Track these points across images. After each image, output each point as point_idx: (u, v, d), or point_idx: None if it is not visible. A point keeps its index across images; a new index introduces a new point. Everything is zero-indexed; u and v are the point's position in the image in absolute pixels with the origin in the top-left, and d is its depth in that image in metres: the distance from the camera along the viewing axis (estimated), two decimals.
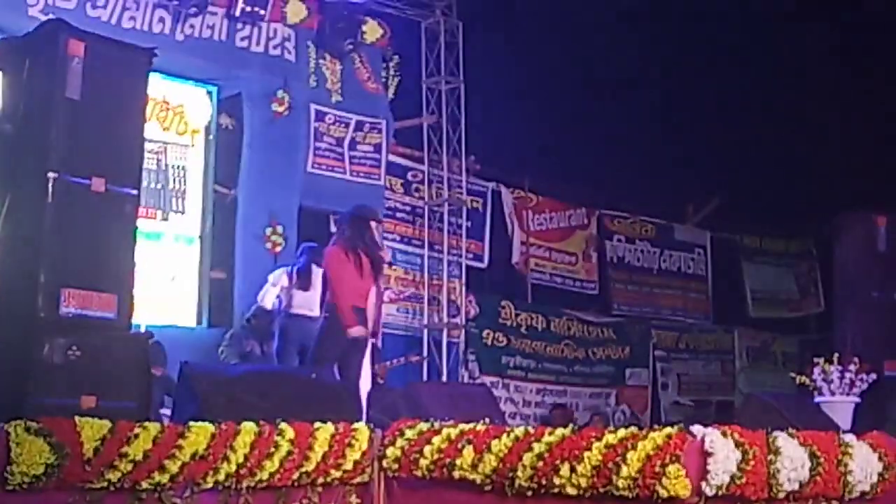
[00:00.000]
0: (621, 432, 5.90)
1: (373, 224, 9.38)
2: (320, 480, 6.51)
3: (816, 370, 9.70)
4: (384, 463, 6.71)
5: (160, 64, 7.44)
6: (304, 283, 10.29)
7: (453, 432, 6.53)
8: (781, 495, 5.74)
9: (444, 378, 13.83)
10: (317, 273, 9.76)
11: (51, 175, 6.36)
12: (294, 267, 10.55)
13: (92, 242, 6.51)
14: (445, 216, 14.48)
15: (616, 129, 15.74)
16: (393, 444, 6.70)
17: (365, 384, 9.26)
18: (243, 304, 11.64)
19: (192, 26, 11.96)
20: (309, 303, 9.79)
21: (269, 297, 10.56)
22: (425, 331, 14.21)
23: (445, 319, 14.30)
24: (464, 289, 14.66)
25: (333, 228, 9.79)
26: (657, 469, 5.58)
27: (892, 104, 14.93)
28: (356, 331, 8.72)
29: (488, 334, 15.17)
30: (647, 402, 17.07)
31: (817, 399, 9.60)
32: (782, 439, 5.79)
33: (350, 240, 8.95)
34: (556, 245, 16.44)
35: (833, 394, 9.57)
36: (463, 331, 14.60)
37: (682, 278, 18.13)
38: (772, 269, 19.00)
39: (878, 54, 14.95)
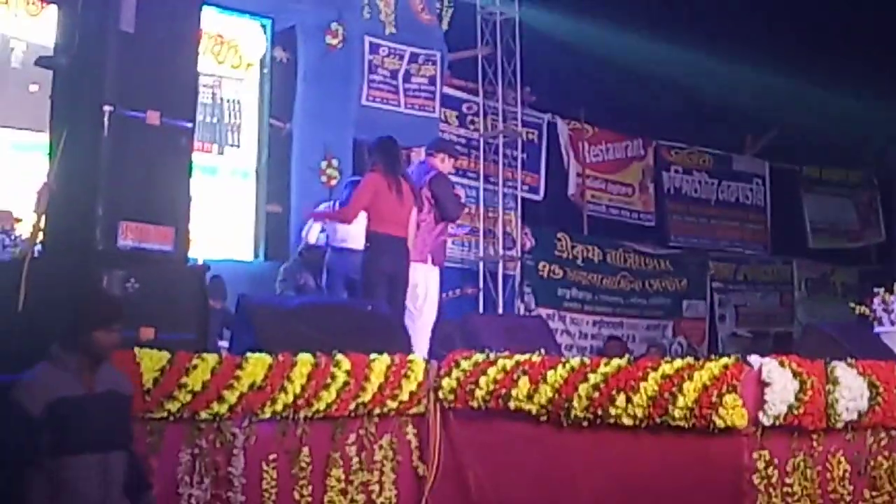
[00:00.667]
0: (677, 363, 5.89)
1: (445, 159, 9.39)
2: (376, 411, 6.56)
3: (876, 300, 9.58)
4: (440, 394, 6.74)
5: None
6: None
7: (509, 363, 6.55)
8: (840, 425, 5.73)
9: (500, 310, 13.84)
10: None
11: (106, 108, 6.36)
12: (336, 201, 10.51)
13: (148, 176, 6.53)
14: (500, 148, 14.40)
15: (672, 59, 15.53)
16: (448, 375, 6.74)
17: (430, 315, 9.22)
18: (299, 237, 11.68)
19: None
20: (353, 236, 9.73)
21: (312, 233, 10.57)
22: (481, 263, 14.21)
23: (501, 252, 14.28)
24: (519, 221, 14.62)
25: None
26: (714, 399, 5.57)
27: None
28: None
29: (544, 266, 15.15)
30: (705, 333, 17.02)
31: (877, 329, 9.50)
32: (841, 369, 5.76)
33: (388, 166, 8.85)
34: (612, 176, 16.34)
35: (893, 324, 9.46)
36: (519, 263, 14.58)
37: (740, 209, 17.98)
38: (832, 200, 18.79)
39: None
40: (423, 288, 9.07)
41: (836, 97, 16.20)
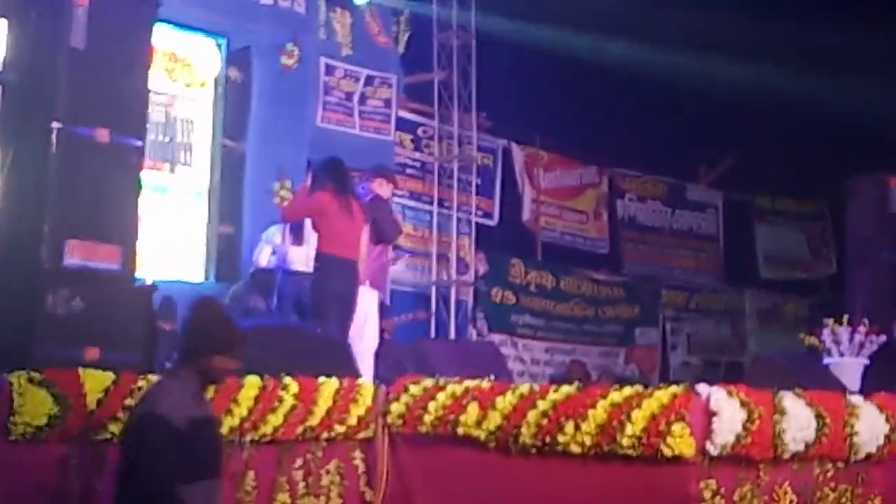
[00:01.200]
0: (626, 391, 5.87)
1: (383, 184, 9.39)
2: (324, 435, 6.50)
3: (826, 331, 9.63)
4: (388, 419, 6.68)
5: (169, 15, 7.40)
6: (296, 238, 10.17)
7: (458, 389, 6.51)
8: (786, 456, 5.73)
9: (453, 335, 13.80)
10: (310, 228, 9.62)
11: (55, 125, 6.33)
12: (286, 223, 10.47)
13: (96, 194, 6.48)
14: (455, 173, 14.39)
15: (629, 87, 15.61)
16: (397, 400, 6.68)
17: (372, 341, 9.21)
18: (251, 259, 11.60)
19: None
20: (303, 258, 9.68)
21: (263, 255, 10.53)
22: (434, 288, 14.17)
23: (454, 276, 14.25)
24: (473, 246, 14.60)
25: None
26: (662, 428, 5.55)
27: None
28: None
29: (497, 292, 15.13)
30: (657, 361, 17.04)
31: (826, 360, 9.54)
32: (789, 399, 5.76)
33: (338, 187, 8.83)
34: (566, 203, 16.36)
35: (842, 355, 9.51)
36: (472, 288, 14.56)
37: (694, 238, 18.07)
38: (784, 231, 18.91)
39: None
40: (363, 311, 9.05)
41: (790, 128, 16.34)
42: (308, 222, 9.38)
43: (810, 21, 15.16)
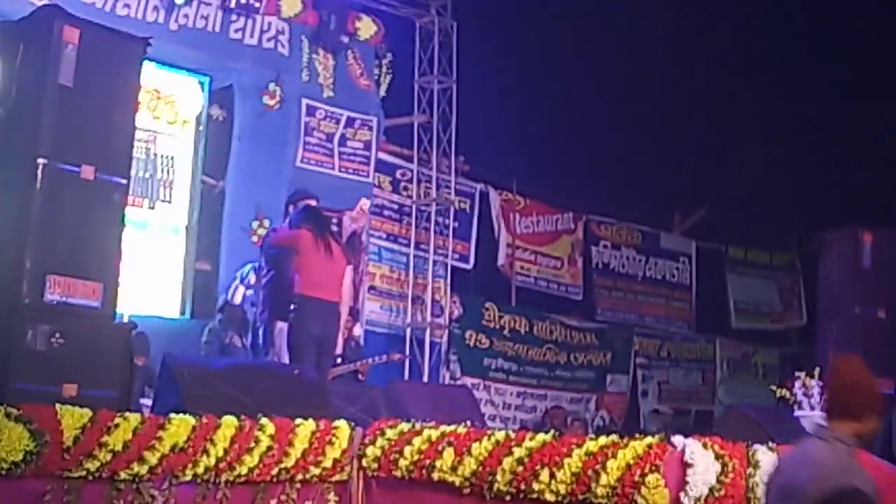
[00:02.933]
0: (602, 440, 5.92)
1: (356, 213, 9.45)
2: (299, 477, 6.51)
3: (797, 384, 9.70)
4: (364, 462, 6.70)
5: (153, 52, 7.40)
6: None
7: (434, 433, 6.53)
8: None
9: (426, 378, 13.80)
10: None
11: (40, 161, 6.34)
12: (259, 264, 10.49)
13: (79, 230, 6.50)
14: (433, 216, 14.46)
15: (605, 135, 15.76)
16: (373, 443, 6.70)
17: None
18: (227, 292, 11.61)
19: (185, 16, 11.91)
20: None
21: (238, 294, 10.55)
22: (408, 329, 14.19)
23: (429, 319, 14.28)
24: (448, 289, 14.65)
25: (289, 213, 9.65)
26: (637, 478, 5.61)
27: (883, 121, 14.99)
28: None
29: (471, 335, 15.16)
30: (626, 408, 17.08)
31: (797, 413, 9.61)
32: (762, 452, 5.81)
33: (317, 229, 8.91)
34: (541, 249, 16.43)
35: (813, 408, 9.57)
36: (446, 331, 14.59)
37: (666, 286, 18.15)
38: (755, 281, 19.04)
39: (869, 69, 15.01)
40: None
41: (764, 180, 16.51)
42: None
43: (786, 76, 15.38)
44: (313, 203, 9.50)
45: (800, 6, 15.23)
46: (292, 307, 8.81)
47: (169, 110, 12.14)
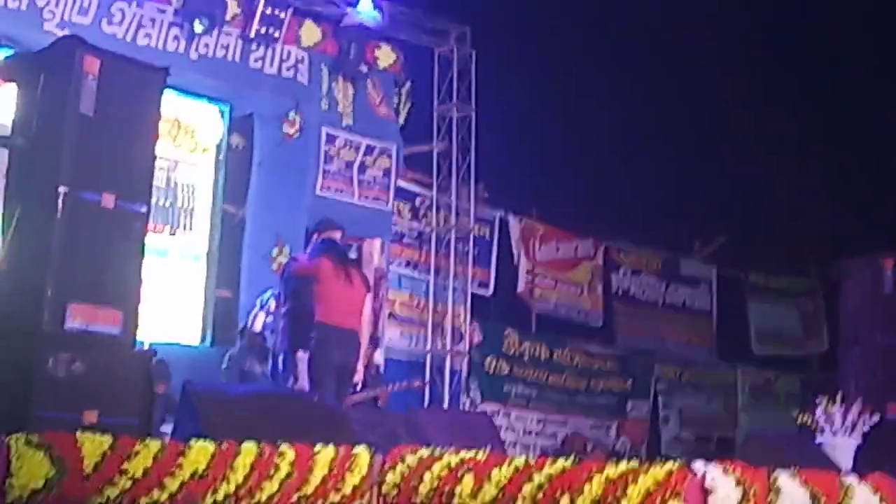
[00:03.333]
0: (622, 466, 5.87)
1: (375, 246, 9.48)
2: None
3: (819, 410, 9.65)
4: (383, 489, 6.68)
5: (173, 81, 7.47)
6: None
7: (454, 460, 6.50)
8: None
9: (446, 405, 13.80)
10: None
11: (61, 190, 6.39)
12: (280, 290, 10.51)
13: (99, 258, 6.53)
14: (453, 242, 14.47)
15: (625, 162, 15.78)
16: (393, 469, 6.67)
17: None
18: (248, 318, 11.63)
19: (206, 45, 12.00)
20: None
21: (258, 321, 10.57)
22: (428, 356, 14.19)
23: (449, 346, 14.28)
24: (468, 315, 14.64)
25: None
26: None
27: None
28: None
29: (491, 362, 15.14)
30: (646, 434, 17.01)
31: (819, 439, 9.56)
32: (784, 478, 5.77)
33: (337, 259, 8.97)
34: (561, 275, 16.42)
35: (835, 435, 9.52)
36: (466, 358, 14.58)
37: (687, 312, 18.10)
38: (776, 307, 18.96)
39: (891, 95, 14.99)
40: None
41: (785, 205, 16.48)
42: None
43: (808, 102, 15.37)
44: (338, 235, 9.54)
45: (824, 30, 15.25)
46: (313, 335, 8.84)
47: (189, 139, 12.21)
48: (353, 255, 10.08)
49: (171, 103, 11.37)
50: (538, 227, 16.11)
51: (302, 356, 9.06)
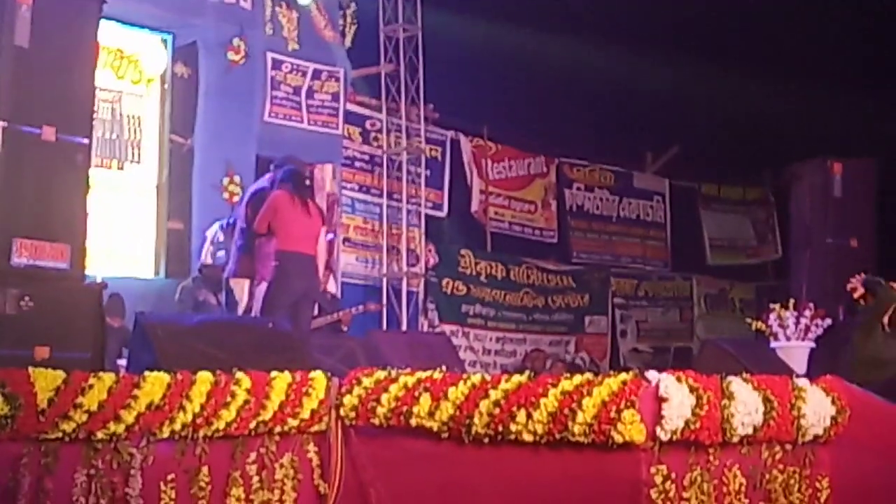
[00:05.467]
0: (577, 379, 5.92)
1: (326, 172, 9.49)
2: (277, 429, 6.48)
3: (772, 316, 9.77)
4: (341, 411, 6.69)
5: (114, 12, 7.38)
6: None
7: (410, 380, 6.52)
8: (735, 439, 5.79)
9: (404, 327, 13.84)
10: None
11: (0, 124, 6.27)
12: (228, 220, 10.50)
13: (43, 192, 6.46)
14: (404, 165, 14.43)
15: (574, 77, 15.70)
16: (350, 392, 6.68)
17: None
18: (200, 255, 11.58)
19: None
20: None
21: (208, 256, 10.54)
22: (384, 280, 14.20)
23: (405, 268, 14.29)
24: (423, 238, 14.65)
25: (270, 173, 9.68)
26: (612, 415, 5.61)
27: (851, 51, 14.99)
28: None
29: (448, 283, 15.18)
30: (607, 349, 17.16)
31: (773, 344, 9.68)
32: (736, 384, 5.83)
33: (296, 188, 9.02)
34: (515, 193, 16.44)
35: (788, 339, 9.65)
36: (422, 280, 14.61)
37: (641, 226, 18.20)
38: (729, 217, 19.09)
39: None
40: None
41: (734, 116, 16.50)
42: None
43: (755, 9, 15.32)
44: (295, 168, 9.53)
45: None
46: (274, 263, 8.89)
47: (133, 70, 12.02)
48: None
49: (113, 34, 11.24)
50: (490, 146, 16.09)
51: (258, 284, 9.08)
